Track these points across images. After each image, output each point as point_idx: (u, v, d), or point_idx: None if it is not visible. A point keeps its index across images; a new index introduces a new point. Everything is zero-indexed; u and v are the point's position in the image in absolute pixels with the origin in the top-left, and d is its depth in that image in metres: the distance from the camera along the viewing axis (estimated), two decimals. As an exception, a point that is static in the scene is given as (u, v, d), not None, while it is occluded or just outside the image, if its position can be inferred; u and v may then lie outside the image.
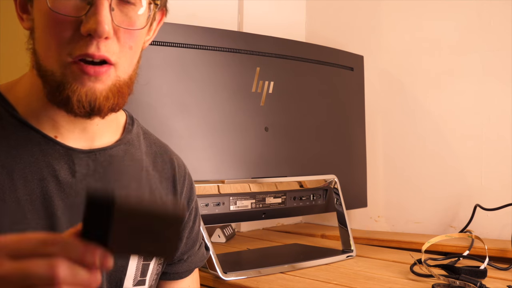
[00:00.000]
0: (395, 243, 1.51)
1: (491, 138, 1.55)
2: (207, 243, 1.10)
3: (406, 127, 1.71)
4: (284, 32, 1.59)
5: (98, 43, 0.67)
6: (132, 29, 0.70)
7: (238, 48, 1.23)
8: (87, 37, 0.66)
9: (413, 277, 1.15)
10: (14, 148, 0.70)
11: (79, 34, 0.67)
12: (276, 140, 1.28)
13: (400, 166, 1.72)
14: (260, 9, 1.80)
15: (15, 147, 0.70)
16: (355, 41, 1.80)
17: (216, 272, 1.10)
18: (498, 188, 1.52)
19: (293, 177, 1.30)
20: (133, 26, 0.70)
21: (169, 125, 1.12)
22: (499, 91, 1.54)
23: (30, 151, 0.71)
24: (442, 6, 1.64)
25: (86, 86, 0.68)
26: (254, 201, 1.24)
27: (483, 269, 1.14)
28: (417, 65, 1.69)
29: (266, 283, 1.10)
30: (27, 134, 0.71)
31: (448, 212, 1.61)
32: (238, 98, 1.23)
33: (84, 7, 0.66)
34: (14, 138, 0.71)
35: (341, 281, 1.12)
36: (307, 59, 1.37)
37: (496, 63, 1.54)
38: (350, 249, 1.35)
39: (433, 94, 1.66)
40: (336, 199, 1.37)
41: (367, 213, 1.76)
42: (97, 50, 0.67)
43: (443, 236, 1.25)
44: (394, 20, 1.75)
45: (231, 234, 1.60)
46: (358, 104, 1.54)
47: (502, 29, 1.53)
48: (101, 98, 0.69)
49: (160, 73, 1.11)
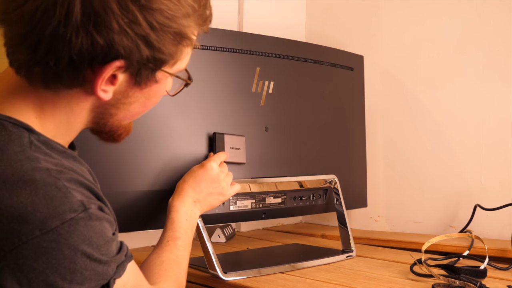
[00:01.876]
0: (395, 243, 1.51)
1: (491, 138, 1.55)
2: (207, 243, 1.10)
3: (406, 127, 1.71)
4: (284, 32, 1.59)
5: None
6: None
7: (238, 48, 1.23)
8: None
9: (413, 277, 1.15)
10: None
11: None
12: (276, 140, 1.28)
13: (400, 166, 1.72)
14: (260, 9, 1.80)
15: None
16: (355, 41, 1.80)
17: (216, 272, 1.10)
18: (498, 188, 1.52)
19: (293, 177, 1.30)
20: None
21: (169, 125, 1.12)
22: (499, 91, 1.54)
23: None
24: (442, 6, 1.64)
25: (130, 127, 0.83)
26: (254, 201, 1.24)
27: (483, 269, 1.14)
28: (417, 65, 1.69)
29: (266, 283, 1.10)
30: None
31: (448, 212, 1.61)
32: (238, 98, 1.23)
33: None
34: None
35: (341, 281, 1.12)
36: (307, 59, 1.37)
37: (497, 63, 1.54)
38: (350, 249, 1.35)
39: (433, 94, 1.66)
40: (336, 199, 1.37)
41: (367, 213, 1.76)
42: None
43: (443, 236, 1.25)
44: (394, 20, 1.75)
45: (231, 234, 1.60)
46: (358, 104, 1.54)
47: (502, 29, 1.53)
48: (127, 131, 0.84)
49: (160, 73, 1.11)
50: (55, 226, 0.62)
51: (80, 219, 0.64)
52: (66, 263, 0.63)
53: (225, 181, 1.10)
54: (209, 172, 1.07)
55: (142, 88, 0.73)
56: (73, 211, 0.63)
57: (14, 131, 0.68)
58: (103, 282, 0.68)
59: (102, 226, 0.67)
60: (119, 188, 1.06)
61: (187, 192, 1.05)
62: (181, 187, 1.06)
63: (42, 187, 0.63)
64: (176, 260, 0.94)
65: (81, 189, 0.68)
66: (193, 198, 1.05)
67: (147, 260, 0.93)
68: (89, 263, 0.65)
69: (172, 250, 0.95)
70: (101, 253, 0.66)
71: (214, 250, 1.11)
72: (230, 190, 1.12)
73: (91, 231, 0.65)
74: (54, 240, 0.62)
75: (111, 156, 1.06)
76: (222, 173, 1.10)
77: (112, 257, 0.69)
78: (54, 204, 0.63)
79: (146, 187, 1.09)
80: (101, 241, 0.66)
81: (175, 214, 1.01)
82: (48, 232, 0.61)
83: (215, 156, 1.12)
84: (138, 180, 1.08)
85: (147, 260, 0.93)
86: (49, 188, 0.64)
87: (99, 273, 0.67)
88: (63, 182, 0.65)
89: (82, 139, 1.02)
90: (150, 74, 0.71)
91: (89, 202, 0.66)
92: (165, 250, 0.95)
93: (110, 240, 0.69)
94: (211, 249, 1.11)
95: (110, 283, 0.69)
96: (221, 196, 1.10)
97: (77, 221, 0.63)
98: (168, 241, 0.97)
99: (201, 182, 1.07)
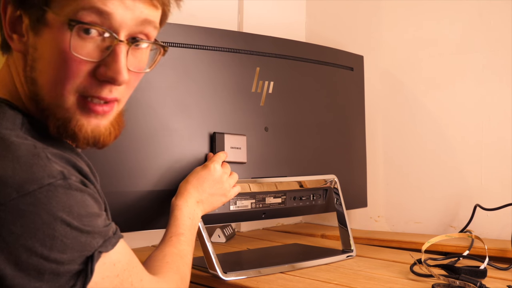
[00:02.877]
0: (395, 243, 1.51)
1: (491, 138, 1.55)
2: (207, 243, 1.10)
3: (406, 127, 1.71)
4: (284, 32, 1.59)
5: (111, 87, 0.71)
6: (142, 72, 0.75)
7: (238, 48, 1.23)
8: (101, 81, 0.70)
9: (413, 277, 1.15)
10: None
11: (93, 76, 0.69)
12: (276, 140, 1.28)
13: (400, 166, 1.72)
14: (260, 9, 1.80)
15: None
16: (355, 41, 1.80)
17: (216, 272, 1.10)
18: (498, 188, 1.52)
19: (293, 177, 1.30)
20: (142, 69, 0.75)
21: (169, 125, 1.12)
22: (500, 91, 1.54)
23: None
24: (443, 6, 1.64)
25: (92, 123, 0.72)
26: (254, 201, 1.24)
27: (483, 269, 1.14)
28: (417, 65, 1.69)
29: (266, 283, 1.10)
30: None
31: (448, 212, 1.61)
32: (238, 98, 1.23)
33: (103, 52, 0.69)
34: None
35: (341, 281, 1.12)
36: (307, 59, 1.37)
37: (497, 63, 1.55)
38: (350, 249, 1.35)
39: (433, 94, 1.66)
40: (336, 199, 1.37)
41: (367, 213, 1.76)
42: (110, 93, 0.71)
43: (443, 236, 1.25)
44: (394, 20, 1.75)
45: (231, 234, 1.60)
46: (358, 104, 1.54)
47: (502, 29, 1.53)
48: (106, 134, 0.73)
49: (160, 73, 1.11)
50: (33, 190, 0.62)
51: (59, 186, 0.64)
52: (45, 229, 0.62)
53: (228, 182, 1.11)
54: (212, 173, 1.08)
55: (36, 33, 0.70)
56: (52, 177, 0.64)
57: (10, 112, 0.70)
58: (87, 253, 0.66)
59: (84, 198, 0.67)
60: (120, 188, 1.06)
61: (190, 192, 1.05)
62: (184, 187, 1.06)
63: (25, 156, 0.64)
64: (179, 254, 0.93)
65: (65, 165, 0.68)
66: (196, 199, 1.06)
67: (150, 256, 0.92)
68: (70, 231, 0.64)
69: (175, 245, 0.95)
70: (82, 223, 0.65)
71: (214, 250, 1.12)
72: (232, 192, 1.12)
73: (72, 200, 0.65)
74: (31, 204, 0.62)
75: (111, 156, 1.06)
76: (225, 174, 1.11)
77: (97, 230, 0.68)
78: (33, 170, 0.63)
79: (146, 187, 1.09)
80: (83, 211, 0.66)
81: (178, 213, 1.01)
82: (25, 195, 0.61)
83: (215, 157, 1.12)
84: (138, 180, 1.08)
85: (150, 256, 0.92)
86: (32, 157, 0.64)
87: (82, 243, 0.65)
88: (47, 154, 0.66)
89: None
90: (40, 15, 0.68)
91: (70, 173, 0.66)
92: (168, 245, 0.94)
93: (95, 214, 0.68)
94: (211, 249, 1.11)
95: (94, 255, 0.67)
96: (223, 197, 1.10)
97: (56, 187, 0.63)
98: (171, 237, 0.97)
99: (204, 183, 1.07)
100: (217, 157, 1.12)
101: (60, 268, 0.64)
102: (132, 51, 0.72)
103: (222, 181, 1.09)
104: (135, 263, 0.76)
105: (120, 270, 0.72)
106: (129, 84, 0.74)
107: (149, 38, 0.74)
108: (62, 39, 0.67)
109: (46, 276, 0.63)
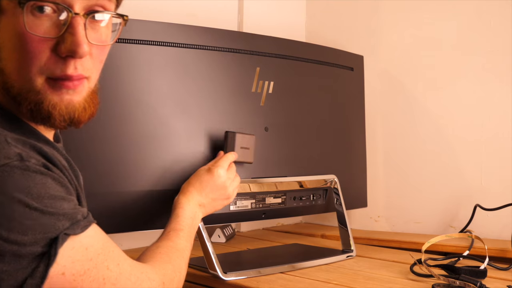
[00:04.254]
0: (395, 243, 1.51)
1: (491, 138, 1.55)
2: (207, 243, 1.10)
3: (406, 127, 1.71)
4: (284, 32, 1.59)
5: (75, 62, 0.70)
6: (104, 45, 0.75)
7: (238, 48, 1.23)
8: (64, 57, 0.69)
9: (413, 277, 1.15)
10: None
11: (55, 54, 0.69)
12: (276, 140, 1.28)
13: (400, 166, 1.72)
14: (260, 9, 1.80)
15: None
16: (355, 41, 1.80)
17: (216, 272, 1.10)
18: (498, 188, 1.52)
19: (293, 177, 1.30)
20: (104, 42, 0.75)
21: (169, 125, 1.12)
22: (499, 91, 1.54)
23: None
24: (442, 6, 1.64)
25: (65, 99, 0.71)
26: (254, 201, 1.24)
27: (483, 269, 1.14)
28: (417, 65, 1.69)
29: (266, 283, 1.10)
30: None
31: (448, 212, 1.61)
32: (238, 98, 1.23)
33: (60, 28, 0.69)
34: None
35: (341, 281, 1.12)
36: (307, 59, 1.37)
37: (496, 63, 1.54)
38: (350, 249, 1.35)
39: (433, 94, 1.66)
40: (336, 199, 1.37)
41: (367, 213, 1.76)
42: (75, 70, 0.71)
43: (443, 236, 1.25)
44: (394, 20, 1.75)
45: (231, 234, 1.60)
46: (358, 104, 1.54)
47: (502, 29, 1.53)
48: (80, 109, 0.73)
49: (160, 73, 1.11)
50: None
51: (15, 167, 0.63)
52: (1, 209, 0.62)
53: (232, 187, 1.11)
54: (215, 180, 1.08)
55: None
56: (7, 158, 0.63)
57: None
58: (51, 235, 0.65)
59: (45, 180, 0.66)
60: (120, 188, 1.06)
61: (192, 194, 1.05)
62: (187, 188, 1.06)
63: None
64: (175, 247, 0.92)
65: (27, 149, 0.68)
66: (199, 202, 1.06)
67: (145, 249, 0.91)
68: (29, 211, 0.63)
69: (173, 239, 0.94)
70: (44, 204, 0.64)
71: (214, 250, 1.12)
72: (234, 194, 1.12)
73: (30, 181, 0.64)
74: None
75: (111, 156, 1.06)
76: (229, 179, 1.10)
77: (62, 212, 0.67)
78: None
79: (146, 187, 1.09)
80: (44, 193, 0.65)
81: (180, 211, 1.01)
82: None
83: (223, 160, 1.11)
84: (137, 180, 1.08)
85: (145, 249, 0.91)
86: None
87: (44, 225, 0.64)
88: (6, 138, 0.66)
89: (82, 139, 1.03)
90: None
91: (28, 156, 0.66)
92: (165, 239, 0.93)
93: (59, 197, 0.67)
94: (211, 249, 1.11)
95: (59, 237, 0.65)
96: (225, 201, 1.11)
97: (12, 168, 0.63)
98: (169, 231, 0.96)
99: (207, 187, 1.07)
100: (224, 160, 1.11)
101: (22, 250, 0.63)
102: (90, 24, 0.71)
103: (225, 186, 1.09)
104: (111, 247, 0.74)
105: (93, 254, 0.70)
106: (95, 58, 0.74)
107: (106, 10, 0.74)
108: (17, 21, 0.68)
109: (7, 257, 0.62)
